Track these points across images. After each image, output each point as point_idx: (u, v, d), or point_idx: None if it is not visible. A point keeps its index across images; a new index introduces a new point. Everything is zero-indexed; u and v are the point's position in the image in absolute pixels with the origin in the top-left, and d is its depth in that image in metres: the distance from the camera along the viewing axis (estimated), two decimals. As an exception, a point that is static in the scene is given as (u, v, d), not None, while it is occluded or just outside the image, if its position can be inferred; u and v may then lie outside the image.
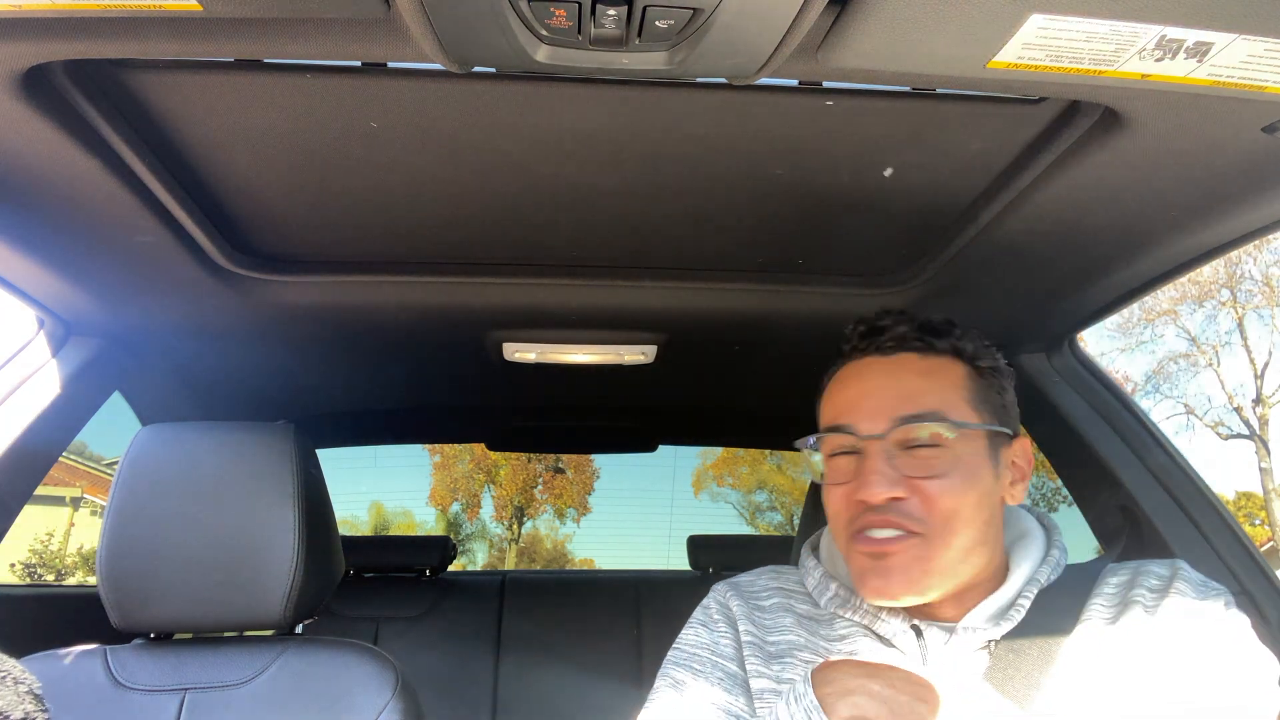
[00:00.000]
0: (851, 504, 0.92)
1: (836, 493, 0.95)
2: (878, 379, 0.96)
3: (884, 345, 0.97)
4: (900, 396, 0.93)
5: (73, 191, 1.00)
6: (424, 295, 1.40)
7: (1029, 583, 0.95)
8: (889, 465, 0.90)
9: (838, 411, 0.97)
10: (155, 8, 0.66)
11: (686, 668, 1.00)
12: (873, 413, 0.93)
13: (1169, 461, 1.46)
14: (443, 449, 12.79)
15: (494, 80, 0.86)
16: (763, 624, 1.01)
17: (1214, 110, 0.83)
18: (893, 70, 0.76)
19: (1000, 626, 0.91)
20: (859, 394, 0.96)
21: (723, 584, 1.09)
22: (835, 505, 0.95)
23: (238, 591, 1.12)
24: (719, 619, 1.03)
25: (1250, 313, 15.94)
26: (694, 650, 1.01)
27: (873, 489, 0.89)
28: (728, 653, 1.00)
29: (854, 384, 0.98)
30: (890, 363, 0.97)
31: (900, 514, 0.89)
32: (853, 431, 0.93)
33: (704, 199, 1.12)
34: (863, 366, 0.98)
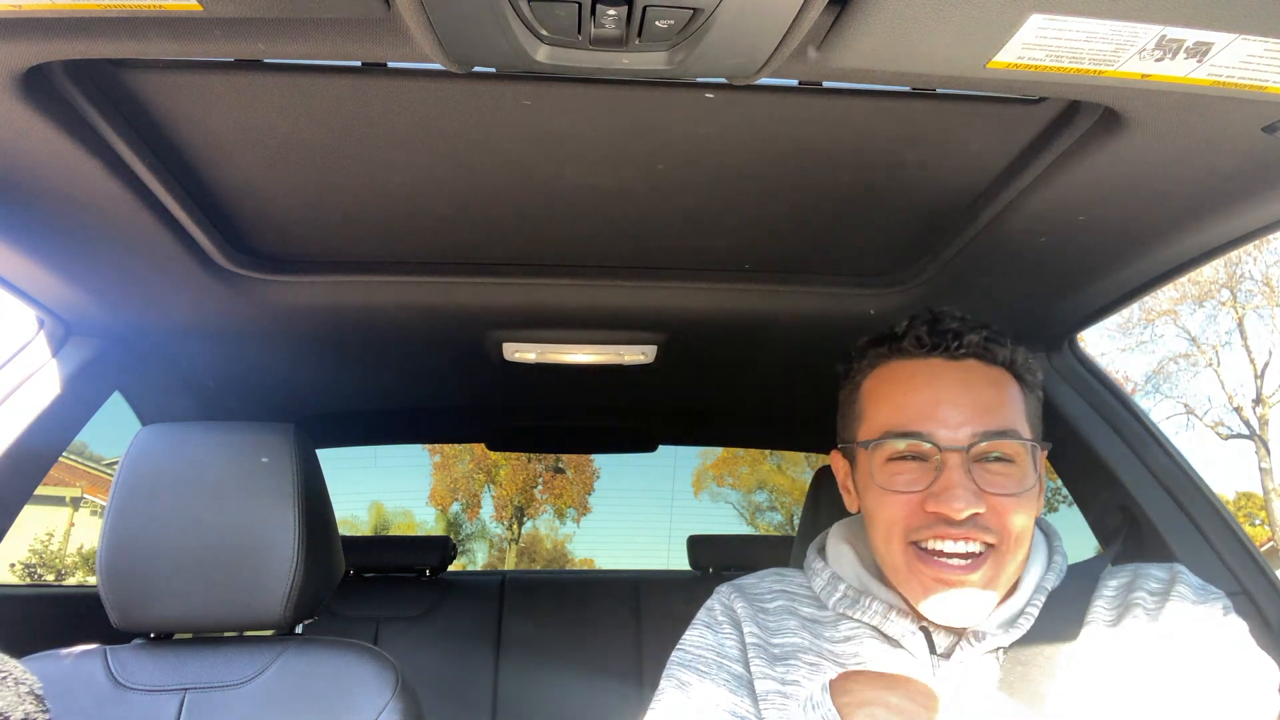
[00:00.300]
0: (918, 513, 0.89)
1: (897, 500, 0.91)
2: (953, 387, 0.93)
3: (953, 349, 0.94)
4: (979, 408, 0.91)
5: (73, 191, 0.99)
6: (424, 295, 1.40)
7: (1037, 590, 0.95)
8: (970, 479, 0.88)
9: (909, 415, 0.92)
10: (155, 8, 0.66)
11: (692, 669, 0.98)
12: (953, 422, 0.90)
13: (1169, 461, 1.46)
14: (443, 449, 12.79)
15: (494, 80, 0.86)
16: (767, 626, 1.00)
17: (1214, 110, 0.83)
18: (893, 70, 0.76)
19: (1010, 634, 0.91)
20: (933, 399, 0.92)
21: (726, 586, 1.08)
22: (893, 512, 0.91)
23: (238, 591, 1.12)
24: (724, 620, 1.02)
25: (1250, 313, 15.95)
26: (699, 652, 1.00)
27: (956, 503, 0.86)
28: (733, 654, 0.99)
29: (925, 387, 0.93)
30: (959, 369, 0.94)
31: (978, 528, 0.87)
32: (931, 440, 0.90)
33: (704, 199, 1.12)
34: (928, 367, 0.95)
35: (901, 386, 0.95)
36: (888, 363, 0.98)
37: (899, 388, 0.95)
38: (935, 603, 0.88)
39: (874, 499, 0.94)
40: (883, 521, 0.93)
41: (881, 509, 0.93)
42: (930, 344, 0.95)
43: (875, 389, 0.98)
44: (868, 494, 0.96)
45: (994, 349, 0.95)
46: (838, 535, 1.08)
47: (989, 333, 0.96)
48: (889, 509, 0.92)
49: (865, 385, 0.99)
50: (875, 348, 0.99)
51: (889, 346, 0.98)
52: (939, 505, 0.87)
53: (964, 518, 0.87)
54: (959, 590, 0.87)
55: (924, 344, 0.95)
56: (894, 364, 0.97)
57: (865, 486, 0.96)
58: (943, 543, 0.88)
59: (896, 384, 0.96)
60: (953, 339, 0.94)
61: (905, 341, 0.96)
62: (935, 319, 0.96)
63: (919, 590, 0.90)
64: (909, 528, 0.90)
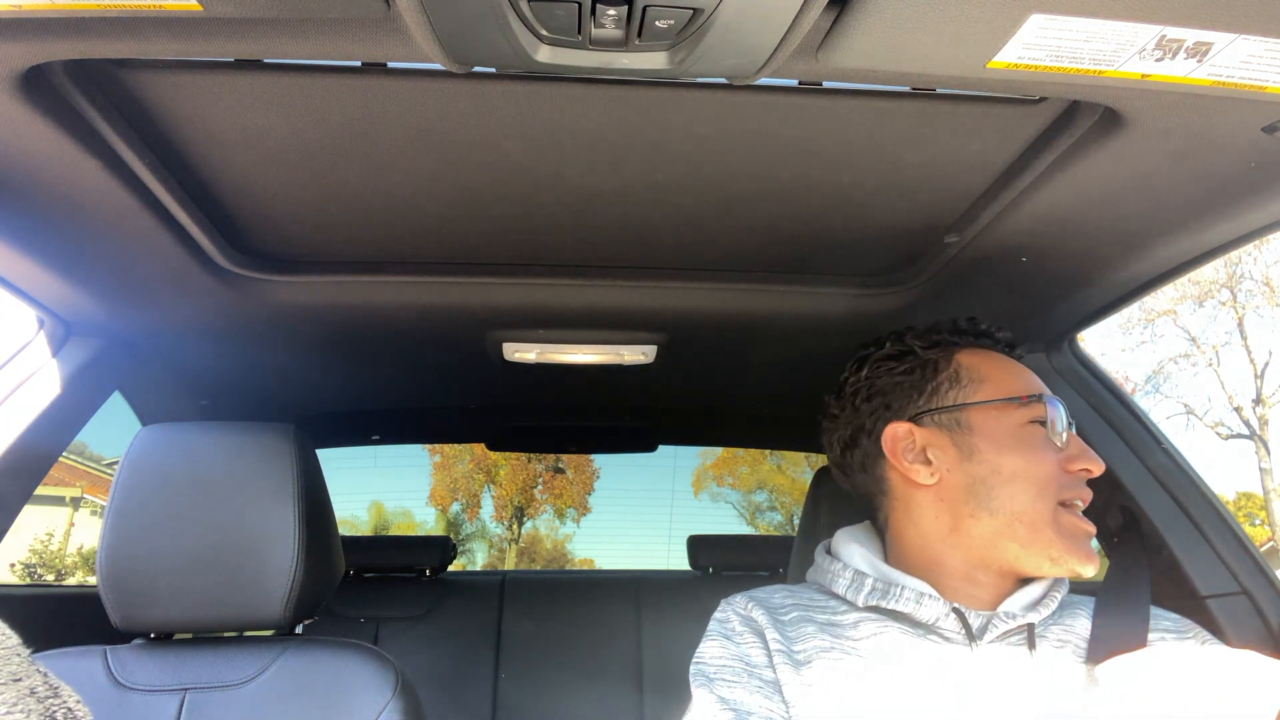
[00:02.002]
0: (1068, 473, 0.98)
1: (1048, 457, 0.98)
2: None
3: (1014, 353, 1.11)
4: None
5: (73, 191, 1.00)
6: (424, 295, 1.40)
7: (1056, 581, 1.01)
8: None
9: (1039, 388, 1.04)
10: (155, 8, 0.66)
11: (720, 679, 0.96)
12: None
13: (1169, 461, 1.46)
14: (443, 449, 12.79)
15: (494, 80, 0.86)
16: (787, 634, 0.99)
17: (1214, 110, 0.83)
18: (893, 70, 0.76)
19: (1038, 612, 0.96)
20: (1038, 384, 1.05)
21: (740, 596, 1.06)
22: (1046, 470, 0.97)
23: (238, 591, 1.12)
24: (743, 630, 1.01)
25: (1250, 313, 15.95)
26: (722, 663, 0.98)
27: (1095, 462, 0.99)
28: (760, 662, 0.97)
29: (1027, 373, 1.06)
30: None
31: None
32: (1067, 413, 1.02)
33: (704, 199, 1.12)
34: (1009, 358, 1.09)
35: (1013, 367, 1.06)
36: (984, 350, 1.08)
37: (1013, 366, 1.07)
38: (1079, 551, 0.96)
39: (1024, 455, 0.98)
40: (1037, 478, 0.97)
41: (1036, 464, 0.98)
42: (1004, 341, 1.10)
43: (985, 363, 1.06)
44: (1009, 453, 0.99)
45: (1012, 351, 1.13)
46: (846, 539, 1.09)
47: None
48: (1045, 464, 0.98)
49: (963, 358, 1.06)
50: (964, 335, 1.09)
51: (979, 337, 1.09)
52: (1086, 463, 0.98)
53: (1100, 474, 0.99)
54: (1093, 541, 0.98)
55: (1008, 345, 1.10)
56: (992, 353, 1.08)
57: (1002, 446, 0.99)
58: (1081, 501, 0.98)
59: (1007, 363, 1.07)
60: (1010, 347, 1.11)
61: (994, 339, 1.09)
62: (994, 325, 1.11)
63: (1073, 544, 0.96)
64: (1061, 485, 0.97)
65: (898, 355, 1.08)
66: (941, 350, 1.07)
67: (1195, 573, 1.36)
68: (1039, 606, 0.97)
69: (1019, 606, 0.97)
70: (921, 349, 1.08)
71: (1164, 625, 1.00)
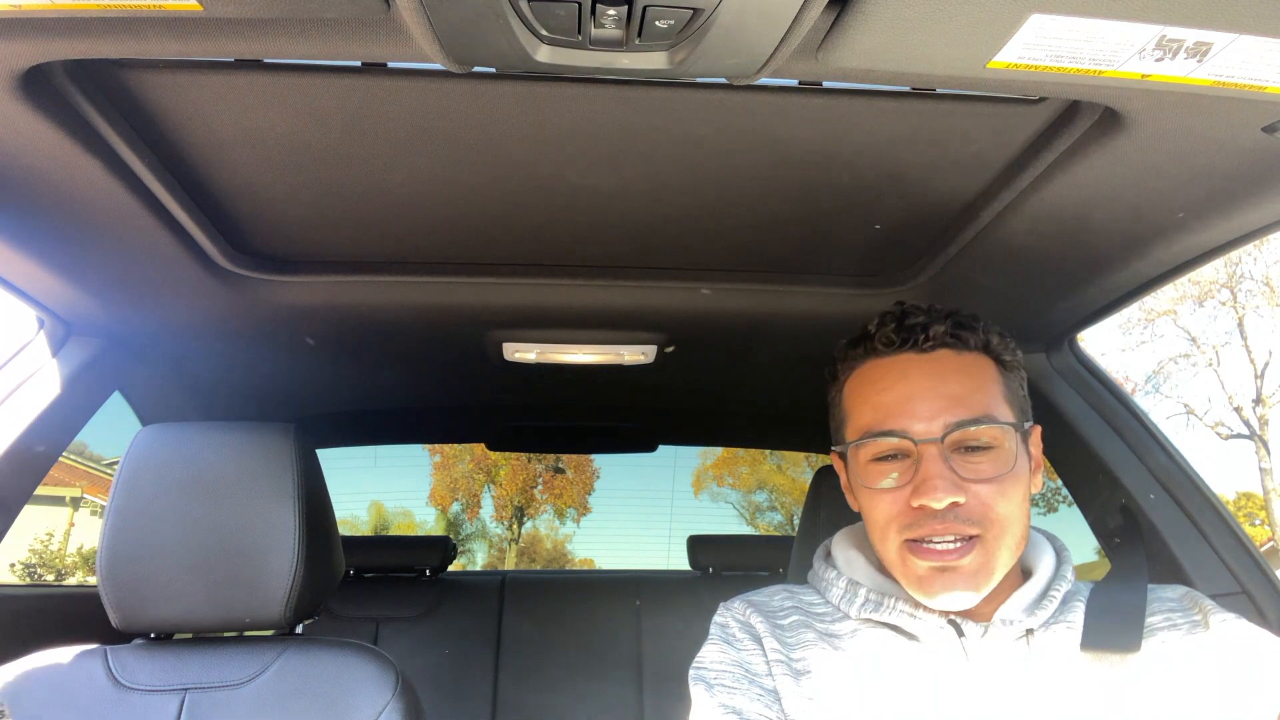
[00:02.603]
0: (906, 510, 0.90)
1: (884, 499, 0.92)
2: (923, 380, 0.94)
3: (921, 343, 0.95)
4: (950, 399, 0.92)
5: (73, 191, 0.99)
6: (424, 295, 1.40)
7: (1056, 578, 0.97)
8: (948, 469, 0.89)
9: (883, 414, 0.94)
10: (155, 8, 0.66)
11: (720, 685, 0.95)
12: (925, 415, 0.91)
13: (1169, 461, 1.46)
14: (443, 449, 12.79)
15: (494, 80, 0.86)
16: (785, 641, 0.98)
17: (1214, 110, 0.83)
18: (893, 70, 0.76)
19: (1036, 616, 0.93)
20: (905, 395, 0.93)
21: (738, 601, 1.05)
22: (884, 511, 0.92)
23: (238, 591, 1.12)
24: (743, 636, 1.00)
25: (1250, 313, 15.95)
26: (723, 668, 0.97)
27: (936, 494, 0.87)
28: (759, 669, 0.96)
29: (897, 384, 0.95)
30: (929, 361, 0.95)
31: (960, 519, 0.88)
32: (906, 435, 0.91)
33: (704, 199, 1.12)
34: (899, 364, 0.96)
35: (876, 386, 0.97)
36: (863, 363, 0.99)
37: (874, 387, 0.97)
38: (932, 590, 0.90)
39: (865, 500, 0.95)
40: (876, 521, 0.94)
41: (873, 509, 0.94)
42: (899, 340, 0.96)
43: (854, 391, 1.00)
44: (860, 495, 0.97)
45: (963, 335, 0.96)
46: (844, 543, 1.07)
47: (956, 319, 0.97)
48: (879, 509, 0.93)
49: (846, 388, 1.01)
50: (852, 349, 1.01)
51: (863, 347, 0.99)
52: (920, 497, 0.89)
53: (943, 506, 0.88)
54: (956, 574, 0.89)
55: (892, 341, 0.97)
56: (869, 364, 0.99)
57: (857, 488, 0.98)
58: (932, 539, 0.89)
59: (872, 384, 0.97)
60: (919, 332, 0.95)
61: (876, 341, 0.98)
62: (902, 315, 0.97)
63: (915, 580, 0.91)
64: (902, 525, 0.91)
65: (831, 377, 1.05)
66: (844, 374, 1.02)
67: (1195, 573, 1.36)
68: (1039, 606, 0.94)
69: (1018, 610, 0.93)
70: (830, 381, 1.05)
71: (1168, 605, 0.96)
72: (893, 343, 0.96)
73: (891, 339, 0.96)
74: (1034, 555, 1.00)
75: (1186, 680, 0.88)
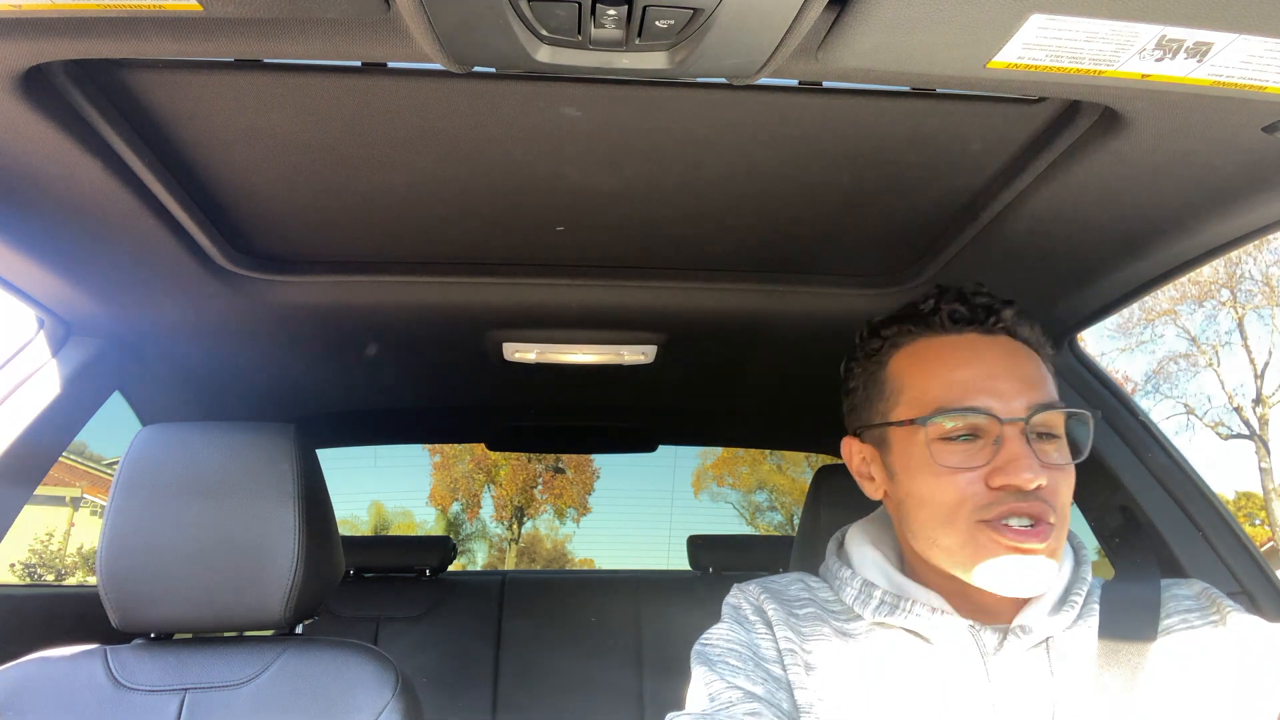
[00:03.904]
0: (984, 491, 0.85)
1: (958, 479, 0.86)
2: (999, 360, 0.90)
3: (990, 324, 0.92)
4: (1026, 381, 0.88)
5: (73, 191, 0.99)
6: (424, 295, 1.40)
7: (1076, 579, 0.93)
8: (1031, 450, 0.84)
9: (960, 390, 0.88)
10: (155, 8, 0.66)
11: (723, 663, 0.92)
12: (1008, 394, 0.86)
13: (1169, 461, 1.46)
14: (443, 449, 12.80)
15: (494, 80, 0.86)
16: (800, 631, 0.94)
17: (1214, 110, 0.83)
18: (893, 70, 0.76)
19: (1057, 620, 0.89)
20: (986, 373, 0.88)
21: (753, 585, 1.01)
22: (955, 491, 0.86)
23: (238, 591, 1.12)
24: (755, 620, 0.96)
25: (1250, 313, 15.96)
26: (730, 646, 0.93)
27: (1025, 474, 0.82)
28: (769, 655, 0.92)
29: (971, 361, 0.89)
30: (996, 344, 0.91)
31: (1043, 502, 0.84)
32: (990, 413, 0.86)
33: (704, 199, 1.12)
34: (967, 342, 0.91)
35: (946, 362, 0.90)
36: (918, 339, 0.94)
37: (943, 363, 0.91)
38: (1009, 573, 0.84)
39: (928, 481, 0.88)
40: (942, 504, 0.88)
41: (941, 490, 0.87)
42: (967, 318, 0.92)
43: (910, 366, 0.93)
44: (916, 476, 0.90)
45: (1023, 326, 0.93)
46: (859, 539, 1.02)
47: (1018, 307, 0.93)
48: (949, 489, 0.87)
49: (894, 363, 0.95)
50: (899, 324, 0.96)
51: (916, 323, 0.94)
52: (1008, 478, 0.83)
53: (1034, 487, 0.83)
54: (1032, 558, 0.84)
55: (960, 318, 0.92)
56: (927, 340, 0.93)
57: (911, 469, 0.90)
58: (1013, 518, 0.84)
59: (938, 359, 0.91)
60: (987, 314, 0.91)
61: (939, 317, 0.93)
62: (963, 293, 0.93)
63: (988, 564, 0.85)
64: (976, 506, 0.85)
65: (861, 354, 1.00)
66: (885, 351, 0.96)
67: (1195, 573, 1.36)
68: (1059, 611, 0.90)
69: (1038, 616, 0.89)
70: (863, 357, 0.99)
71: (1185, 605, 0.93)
72: (961, 319, 0.92)
73: (959, 315, 0.92)
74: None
75: (1203, 681, 0.86)
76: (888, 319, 0.97)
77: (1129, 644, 0.88)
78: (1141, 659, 0.87)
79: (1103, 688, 0.86)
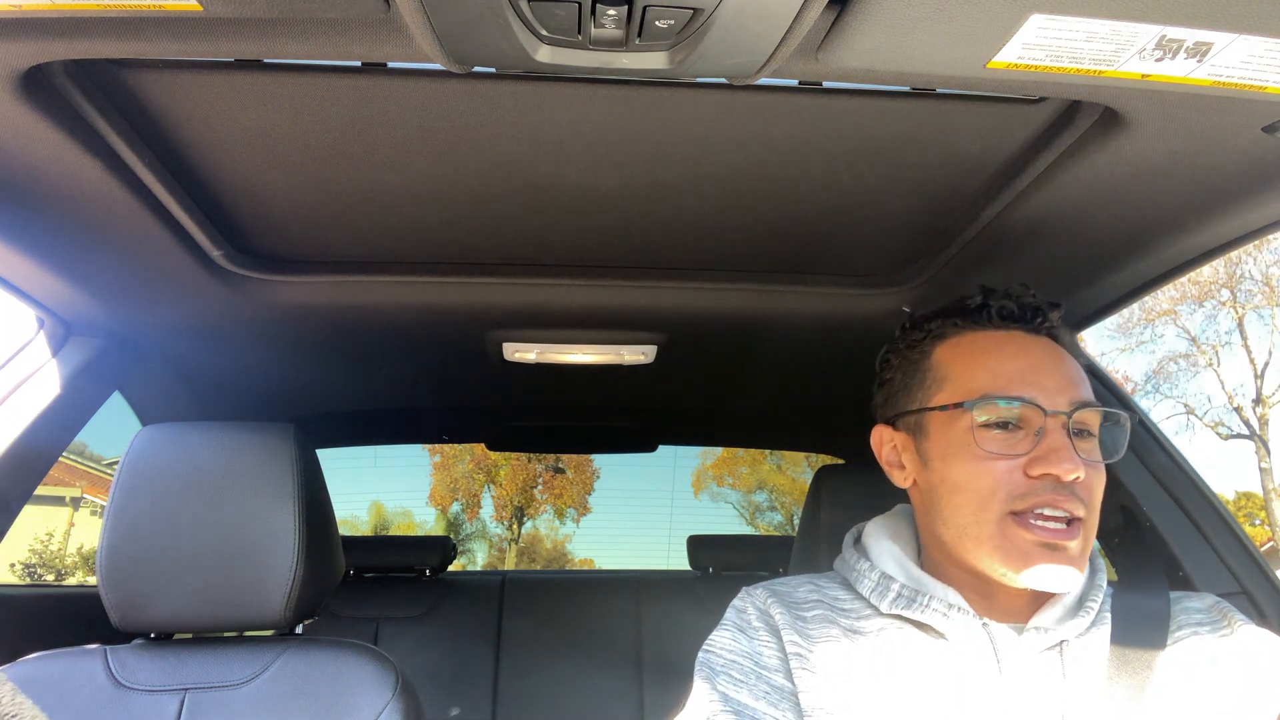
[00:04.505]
0: (1021, 479, 0.87)
1: (997, 465, 0.88)
2: (1044, 356, 0.93)
3: (1038, 324, 0.95)
4: (1070, 379, 0.91)
5: (73, 191, 1.00)
6: (424, 295, 1.40)
7: (1091, 586, 0.94)
8: (1072, 444, 0.87)
9: (1006, 380, 0.90)
10: (155, 8, 0.66)
11: (725, 675, 0.92)
12: (1052, 388, 0.89)
13: (1169, 461, 1.46)
14: (443, 449, 12.80)
15: (494, 80, 0.86)
16: (808, 634, 0.94)
17: (1214, 110, 0.83)
18: (893, 70, 0.76)
19: (1071, 626, 0.90)
20: (1032, 366, 0.91)
21: (760, 588, 1.01)
22: (992, 478, 0.88)
23: (238, 591, 1.12)
24: (759, 626, 0.96)
25: (1250, 313, 15.96)
26: (731, 657, 0.94)
27: (1066, 464, 0.84)
28: (772, 664, 0.92)
29: (1019, 355, 0.93)
30: (1040, 342, 0.95)
31: (1076, 496, 0.86)
32: (1035, 404, 0.88)
33: (704, 199, 1.12)
34: (1014, 339, 0.94)
35: (993, 354, 0.94)
36: (965, 333, 0.97)
37: (990, 355, 0.94)
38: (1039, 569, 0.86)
39: (966, 466, 0.90)
40: (977, 490, 0.89)
41: (978, 475, 0.89)
42: (1015, 315, 0.95)
43: (956, 357, 0.96)
44: (954, 462, 0.91)
45: (1061, 331, 0.97)
46: (877, 533, 1.03)
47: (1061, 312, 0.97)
48: (988, 475, 0.88)
49: (938, 353, 0.97)
50: (944, 318, 0.98)
51: (964, 317, 0.97)
52: (1049, 466, 0.85)
53: (1072, 478, 0.85)
54: (1063, 554, 0.86)
55: (1008, 314, 0.95)
56: (975, 333, 0.96)
57: (949, 455, 0.92)
58: (1048, 508, 0.86)
59: (987, 351, 0.94)
60: (1034, 313, 0.95)
61: (988, 311, 0.96)
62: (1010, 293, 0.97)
63: (1018, 558, 0.86)
64: (1011, 494, 0.87)
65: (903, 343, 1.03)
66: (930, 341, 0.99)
67: (1195, 573, 1.36)
68: (1074, 616, 0.90)
69: (1054, 619, 0.90)
70: (904, 347, 1.02)
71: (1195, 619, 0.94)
72: (1011, 315, 0.95)
73: (1010, 310, 0.95)
74: None
75: (1211, 692, 0.86)
76: (931, 313, 1.00)
77: (1139, 654, 0.89)
78: (1150, 669, 0.87)
79: (1111, 696, 0.86)
